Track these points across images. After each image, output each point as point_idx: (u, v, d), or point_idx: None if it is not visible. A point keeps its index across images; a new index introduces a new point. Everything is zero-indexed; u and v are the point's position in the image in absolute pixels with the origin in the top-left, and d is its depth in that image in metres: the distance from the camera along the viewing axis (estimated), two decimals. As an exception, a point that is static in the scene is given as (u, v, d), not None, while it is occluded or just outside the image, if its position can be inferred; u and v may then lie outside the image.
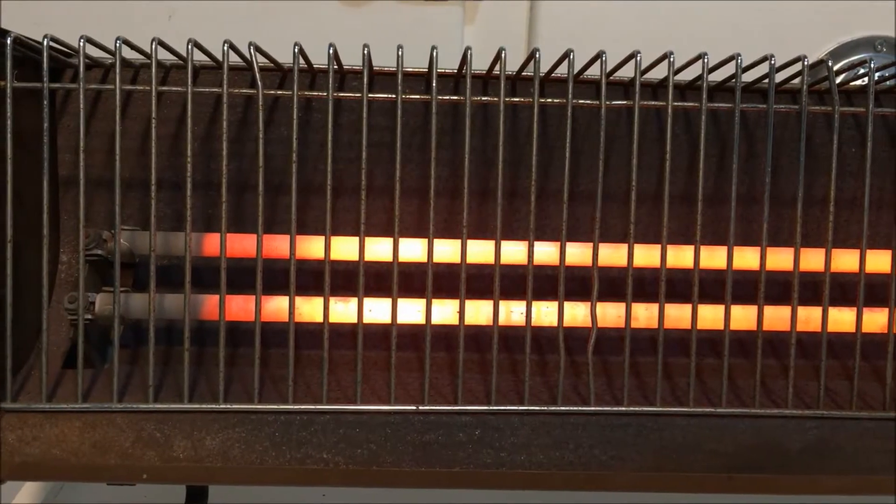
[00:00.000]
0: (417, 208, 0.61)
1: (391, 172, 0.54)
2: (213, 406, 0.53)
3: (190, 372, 0.54)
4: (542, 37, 0.79)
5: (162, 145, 0.60)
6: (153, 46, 0.52)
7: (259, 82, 0.53)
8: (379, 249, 0.58)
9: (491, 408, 0.54)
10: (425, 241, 0.55)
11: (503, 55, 0.54)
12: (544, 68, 0.57)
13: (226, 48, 0.52)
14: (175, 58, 0.56)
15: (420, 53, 0.56)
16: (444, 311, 0.58)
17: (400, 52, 0.53)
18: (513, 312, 0.58)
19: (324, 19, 0.78)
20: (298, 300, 0.56)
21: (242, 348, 0.60)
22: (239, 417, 0.53)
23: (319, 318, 0.55)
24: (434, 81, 0.54)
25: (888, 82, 0.60)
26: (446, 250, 0.58)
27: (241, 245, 0.58)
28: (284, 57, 0.55)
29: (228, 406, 0.53)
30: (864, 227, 0.55)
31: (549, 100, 0.57)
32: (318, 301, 0.56)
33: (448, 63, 0.59)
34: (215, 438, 0.52)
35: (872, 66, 0.55)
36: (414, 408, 0.54)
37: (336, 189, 0.60)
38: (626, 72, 0.56)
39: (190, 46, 0.52)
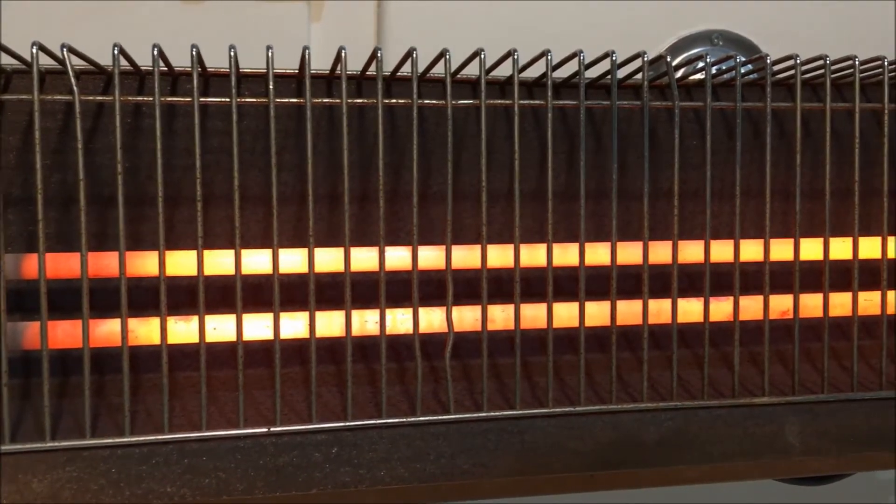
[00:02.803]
0: (263, 217, 0.58)
1: (232, 180, 0.51)
2: (39, 445, 0.48)
3: (12, 408, 0.49)
4: (392, 35, 0.77)
5: (-29, 158, 0.54)
6: (-51, 49, 0.47)
7: (75, 88, 0.49)
8: (222, 262, 0.54)
9: (347, 423, 0.52)
10: (271, 251, 0.52)
11: (343, 55, 0.51)
12: (393, 68, 0.55)
13: (34, 51, 0.48)
14: (-20, 62, 0.51)
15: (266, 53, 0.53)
16: (296, 325, 0.55)
17: (232, 53, 0.50)
18: (367, 322, 0.56)
19: (162, 19, 0.73)
20: (133, 321, 0.52)
21: (74, 377, 0.55)
22: (69, 455, 0.48)
23: (157, 340, 0.51)
24: (271, 83, 0.51)
25: (724, 76, 0.62)
26: (295, 260, 0.55)
27: (67, 265, 0.53)
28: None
29: (56, 444, 0.48)
30: (707, 217, 0.56)
31: (394, 100, 0.55)
32: (154, 321, 0.52)
33: (296, 63, 0.56)
34: (43, 480, 0.47)
35: (709, 60, 0.57)
36: (265, 430, 0.51)
37: (173, 199, 0.56)
38: (475, 70, 0.55)
39: (-8, 49, 0.47)
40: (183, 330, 0.53)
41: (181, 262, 0.54)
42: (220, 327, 0.54)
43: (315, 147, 0.56)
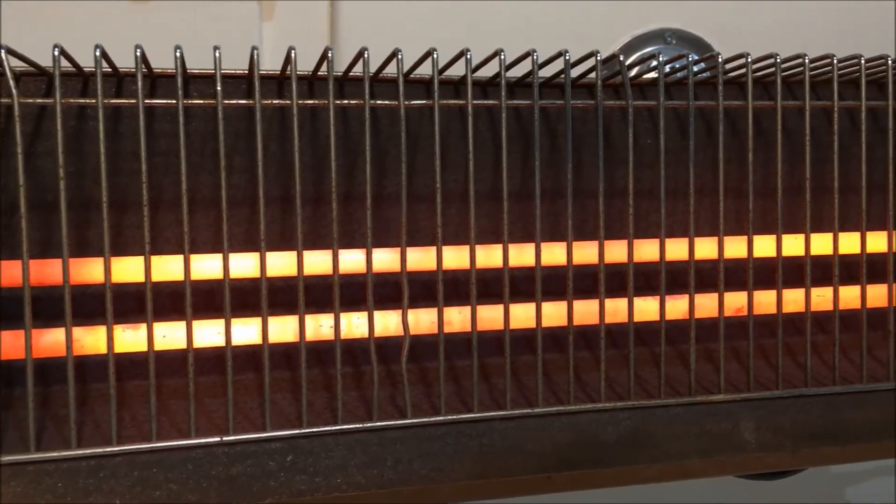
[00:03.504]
0: (213, 221, 0.56)
1: (180, 183, 0.50)
2: (-20, 461, 0.46)
3: (-48, 423, 0.47)
4: (345, 35, 0.76)
5: None
6: None
7: (14, 90, 0.47)
8: (171, 268, 0.53)
9: (302, 431, 0.51)
10: (221, 255, 0.51)
11: (293, 55, 0.50)
12: (346, 68, 0.55)
13: (-31, 51, 0.46)
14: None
15: (222, 54, 0.52)
16: (248, 331, 0.54)
17: (178, 53, 0.49)
18: (322, 326, 0.55)
19: (109, 20, 0.71)
20: (79, 330, 0.50)
21: (17, 389, 0.53)
22: (12, 470, 0.46)
23: (104, 349, 0.49)
24: (219, 84, 0.50)
25: (677, 75, 0.62)
26: (247, 264, 0.54)
27: (9, 273, 0.51)
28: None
29: (-2, 459, 0.47)
30: (662, 216, 0.56)
31: (346, 101, 0.54)
32: (101, 329, 0.50)
33: (247, 64, 0.55)
34: (-15, 497, 0.45)
35: (662, 59, 0.57)
36: (218, 439, 0.50)
37: (120, 203, 0.55)
38: (428, 70, 0.54)
39: (-75, 50, 0.45)
40: (131, 338, 0.52)
41: (128, 269, 0.53)
42: (170, 334, 0.52)
43: (266, 149, 0.55)
